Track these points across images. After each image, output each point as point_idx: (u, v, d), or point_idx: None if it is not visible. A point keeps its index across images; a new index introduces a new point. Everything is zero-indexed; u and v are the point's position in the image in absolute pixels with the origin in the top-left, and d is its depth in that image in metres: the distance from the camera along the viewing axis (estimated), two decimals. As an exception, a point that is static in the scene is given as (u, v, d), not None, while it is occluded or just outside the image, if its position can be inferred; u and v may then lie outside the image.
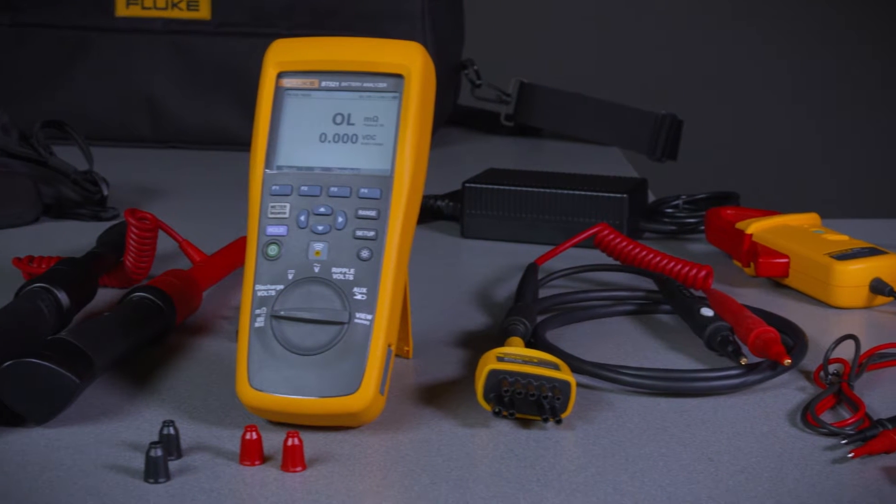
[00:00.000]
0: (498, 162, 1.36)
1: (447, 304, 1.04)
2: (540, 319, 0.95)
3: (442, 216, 1.29)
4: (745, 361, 0.87)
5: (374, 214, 0.80)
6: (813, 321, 0.99)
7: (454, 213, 1.27)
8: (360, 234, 0.80)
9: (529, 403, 0.80)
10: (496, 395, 0.80)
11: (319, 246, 0.81)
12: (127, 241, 1.04)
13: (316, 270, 0.80)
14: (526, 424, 0.81)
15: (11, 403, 0.79)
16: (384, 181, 0.81)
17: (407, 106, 0.82)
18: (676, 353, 0.93)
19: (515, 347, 0.85)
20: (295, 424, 0.79)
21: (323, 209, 0.81)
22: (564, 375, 0.80)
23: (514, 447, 0.78)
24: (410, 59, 0.82)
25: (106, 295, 1.03)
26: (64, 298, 0.92)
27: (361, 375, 0.78)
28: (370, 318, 0.79)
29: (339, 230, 0.81)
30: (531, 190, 1.21)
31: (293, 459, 0.74)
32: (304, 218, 0.81)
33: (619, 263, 1.09)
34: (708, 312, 0.93)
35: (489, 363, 0.81)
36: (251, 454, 0.75)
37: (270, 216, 0.82)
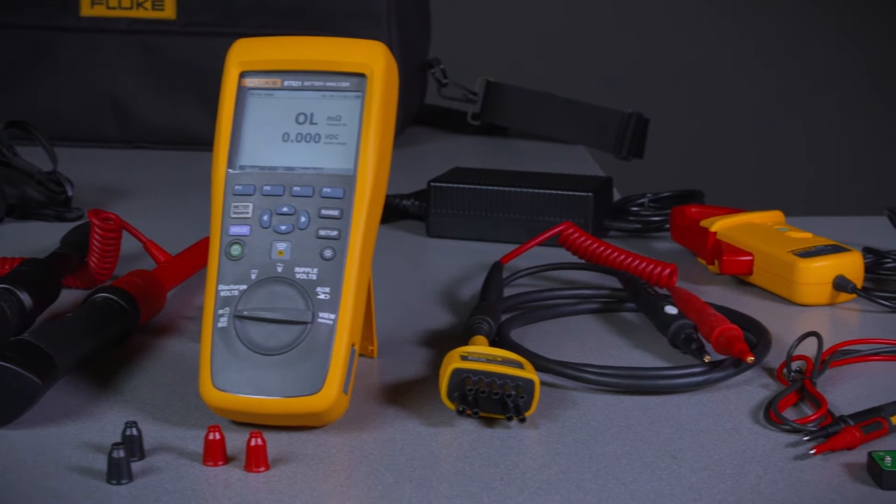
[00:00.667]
0: (464, 161, 1.36)
1: (412, 303, 1.04)
2: (504, 318, 0.95)
3: (408, 215, 1.29)
4: (708, 359, 0.87)
5: (336, 214, 0.80)
6: (777, 318, 0.99)
7: (420, 212, 1.27)
8: (323, 233, 0.80)
9: (493, 402, 0.80)
10: (460, 393, 0.80)
11: (282, 246, 0.81)
12: (91, 241, 1.03)
13: (279, 270, 0.80)
14: (490, 423, 0.81)
15: (-27, 405, 0.78)
16: (347, 180, 0.81)
17: (370, 105, 0.82)
18: (641, 351, 0.94)
19: (479, 346, 0.85)
20: (258, 424, 0.79)
21: (286, 209, 0.81)
22: (528, 374, 0.81)
23: (477, 446, 0.78)
24: (373, 58, 0.82)
25: (70, 296, 1.02)
26: (27, 299, 0.92)
27: (325, 375, 0.78)
28: (333, 317, 0.79)
29: (302, 230, 0.81)
30: (497, 189, 1.22)
31: (256, 460, 0.74)
32: (267, 218, 0.81)
33: (583, 262, 1.09)
34: (672, 310, 0.93)
35: (453, 362, 0.81)
36: (214, 455, 0.75)
37: (233, 216, 0.81)
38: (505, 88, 1.72)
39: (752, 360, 0.86)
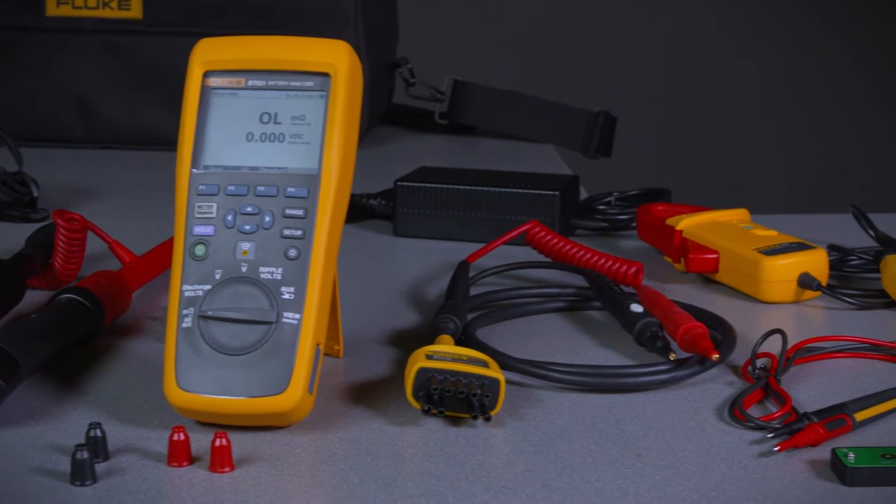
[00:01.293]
0: (432, 160, 1.36)
1: (378, 302, 1.04)
2: (471, 317, 0.95)
3: (375, 215, 1.29)
4: (673, 357, 0.88)
5: (301, 213, 0.80)
6: (742, 316, 1.00)
7: (387, 211, 1.27)
8: (287, 233, 0.80)
9: (458, 401, 0.80)
10: (425, 392, 0.80)
11: (247, 245, 0.80)
12: (56, 242, 1.03)
13: (243, 270, 0.80)
14: (455, 422, 0.81)
15: (-64, 407, 0.78)
16: (311, 180, 0.81)
17: (334, 105, 0.81)
18: (606, 349, 0.94)
19: (445, 345, 0.85)
20: (223, 425, 0.79)
21: (250, 209, 0.81)
22: (493, 373, 0.81)
23: (443, 445, 0.78)
24: (337, 57, 0.82)
25: (34, 297, 1.02)
26: (-10, 301, 0.91)
27: (290, 375, 0.78)
28: (298, 317, 0.79)
29: (266, 229, 0.80)
30: (463, 188, 1.22)
31: (221, 460, 0.74)
32: (231, 217, 0.81)
33: (550, 260, 1.09)
34: (637, 308, 0.94)
35: (418, 361, 0.81)
36: (179, 455, 0.75)
37: (197, 216, 0.81)
38: (472, 87, 1.72)
39: (717, 357, 0.87)
